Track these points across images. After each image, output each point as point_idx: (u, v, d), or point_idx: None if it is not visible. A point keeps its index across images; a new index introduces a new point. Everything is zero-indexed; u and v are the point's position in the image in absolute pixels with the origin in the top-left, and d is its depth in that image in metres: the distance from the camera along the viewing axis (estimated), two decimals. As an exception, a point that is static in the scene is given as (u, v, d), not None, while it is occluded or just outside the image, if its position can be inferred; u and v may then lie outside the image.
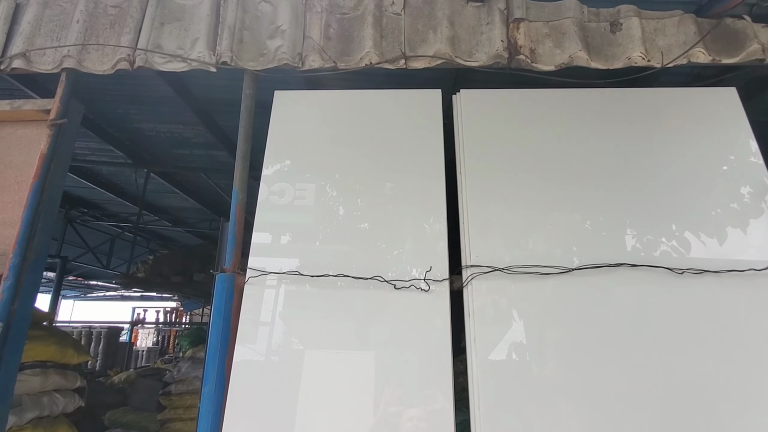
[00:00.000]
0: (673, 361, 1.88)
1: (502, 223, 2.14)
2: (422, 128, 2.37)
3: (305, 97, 2.58)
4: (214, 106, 3.81)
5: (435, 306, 1.99)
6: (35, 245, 2.21)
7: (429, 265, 2.03)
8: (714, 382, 1.84)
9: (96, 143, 4.65)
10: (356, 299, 2.04)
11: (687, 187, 2.19)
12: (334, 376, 1.93)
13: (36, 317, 3.27)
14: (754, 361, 1.86)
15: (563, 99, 2.44)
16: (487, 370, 1.89)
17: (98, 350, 8.77)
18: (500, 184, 2.22)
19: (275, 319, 2.04)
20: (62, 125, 2.39)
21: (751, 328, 1.91)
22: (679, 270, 1.98)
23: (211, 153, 4.89)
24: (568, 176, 2.23)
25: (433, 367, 1.89)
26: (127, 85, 3.49)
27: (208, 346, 2.04)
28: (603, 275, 2.00)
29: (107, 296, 15.63)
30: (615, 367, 1.89)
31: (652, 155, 2.27)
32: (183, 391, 4.65)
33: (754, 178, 2.19)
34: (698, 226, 2.10)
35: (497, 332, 1.95)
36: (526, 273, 2.01)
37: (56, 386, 3.14)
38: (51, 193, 2.32)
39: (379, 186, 2.27)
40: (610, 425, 1.80)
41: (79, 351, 3.34)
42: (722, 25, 2.47)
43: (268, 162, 2.34)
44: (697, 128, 2.34)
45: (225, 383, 1.92)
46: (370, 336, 2.00)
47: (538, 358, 1.93)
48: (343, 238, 2.17)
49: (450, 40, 2.45)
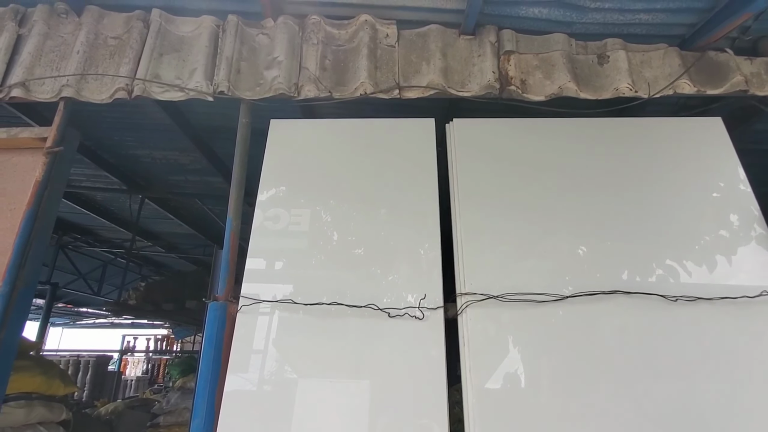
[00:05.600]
0: (668, 387, 1.86)
1: (497, 251, 2.14)
2: (416, 156, 2.40)
3: (300, 125, 2.62)
4: (211, 133, 3.84)
5: (430, 334, 1.97)
6: (25, 273, 2.18)
7: (423, 293, 2.02)
8: (709, 408, 1.82)
9: (91, 169, 4.65)
10: (350, 327, 2.02)
11: (678, 214, 2.22)
12: (327, 405, 1.89)
13: (23, 347, 3.20)
14: (749, 387, 1.86)
15: (554, 128, 2.49)
16: (483, 398, 1.86)
17: (86, 380, 8.52)
18: (494, 211, 2.23)
19: (268, 347, 2.01)
20: (58, 153, 2.40)
21: (745, 354, 1.91)
22: (673, 297, 1.99)
23: (207, 179, 4.90)
24: (561, 204, 2.25)
25: (428, 395, 1.86)
26: (125, 113, 3.52)
27: (198, 376, 2.00)
28: (597, 303, 2.00)
29: (97, 324, 15.33)
30: (610, 395, 1.87)
31: (643, 183, 2.30)
32: (172, 422, 4.52)
33: (742, 205, 2.23)
34: (690, 253, 2.12)
35: (492, 360, 1.93)
36: (521, 300, 2.00)
37: (41, 419, 3.04)
38: (44, 220, 2.30)
39: (373, 214, 2.28)
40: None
41: (65, 382, 3.25)
42: (706, 57, 2.55)
43: (263, 188, 2.35)
44: (685, 157, 2.39)
45: (215, 416, 1.87)
46: (365, 364, 1.97)
47: (533, 386, 1.91)
48: (338, 265, 2.16)
49: (443, 71, 2.52)
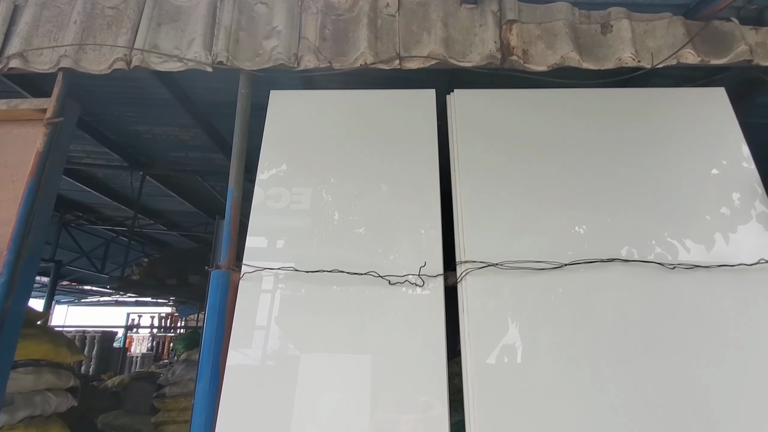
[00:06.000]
0: (665, 357, 1.89)
1: (496, 220, 2.16)
2: (416, 126, 2.39)
3: (300, 96, 2.60)
4: (211, 108, 3.82)
5: (430, 302, 2.00)
6: (30, 243, 2.21)
7: (424, 261, 2.05)
8: (705, 376, 1.86)
9: (92, 146, 4.64)
10: (351, 295, 2.05)
11: (678, 184, 2.23)
12: (328, 375, 1.93)
13: (30, 316, 3.25)
14: (746, 355, 1.88)
15: (556, 99, 2.47)
16: (481, 364, 1.90)
17: (92, 355, 8.69)
18: (494, 181, 2.24)
19: (271, 315, 2.04)
20: (59, 124, 2.40)
21: (742, 322, 1.93)
22: (671, 265, 2.01)
23: (208, 156, 4.89)
24: (561, 174, 2.25)
25: (428, 359, 1.90)
26: (123, 87, 3.49)
27: (202, 342, 2.04)
28: (595, 271, 2.02)
29: (101, 301, 15.51)
30: (608, 363, 1.90)
31: (644, 153, 2.30)
32: (177, 393, 4.62)
33: (742, 176, 2.23)
34: (689, 222, 2.13)
35: (491, 327, 1.96)
36: (520, 268, 2.02)
37: (49, 385, 3.11)
38: (46, 191, 2.32)
39: (373, 184, 2.28)
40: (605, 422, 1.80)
41: (72, 350, 3.31)
42: (710, 27, 2.52)
43: (263, 162, 2.36)
44: (687, 127, 2.38)
45: (219, 380, 1.92)
46: (366, 332, 2.00)
47: (531, 353, 1.94)
48: (338, 234, 2.18)
49: (444, 41, 2.49)
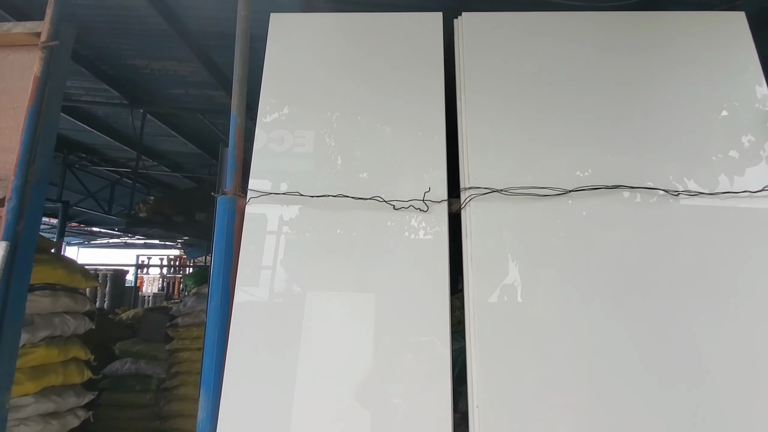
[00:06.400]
0: (659, 296, 1.89)
1: (501, 146, 2.13)
2: (422, 51, 2.31)
3: (301, 20, 2.50)
4: (209, 40, 3.70)
5: (433, 226, 2.02)
6: (36, 169, 2.22)
7: (428, 186, 2.05)
8: (699, 323, 1.85)
9: (90, 82, 4.56)
10: (356, 220, 2.07)
11: (689, 112, 2.17)
12: (333, 291, 2.00)
13: (42, 244, 3.33)
14: (750, 287, 1.88)
15: (569, 22, 2.36)
16: (483, 290, 1.93)
17: (105, 291, 9.00)
18: (500, 106, 2.19)
19: (278, 241, 2.09)
20: (54, 48, 2.33)
21: (747, 253, 1.93)
22: (675, 192, 2.00)
23: (208, 93, 4.81)
24: (570, 99, 2.20)
25: (432, 282, 1.95)
26: (117, 16, 3.37)
27: (212, 265, 2.10)
28: (599, 197, 2.02)
29: (111, 243, 15.85)
30: (602, 304, 1.89)
31: (656, 79, 2.23)
32: (189, 323, 4.83)
33: (757, 107, 2.17)
34: (698, 151, 2.10)
35: (494, 253, 1.99)
36: (524, 195, 2.03)
37: (66, 308, 3.23)
38: (48, 117, 2.30)
39: (378, 109, 2.24)
40: (594, 361, 1.83)
41: (86, 277, 3.41)
42: (738, -58, 2.36)
43: (265, 84, 2.30)
44: (702, 54, 2.28)
45: (230, 299, 1.99)
46: (368, 257, 2.04)
47: (533, 282, 1.96)
48: (342, 161, 2.18)
49: (452, -42, 2.35)
